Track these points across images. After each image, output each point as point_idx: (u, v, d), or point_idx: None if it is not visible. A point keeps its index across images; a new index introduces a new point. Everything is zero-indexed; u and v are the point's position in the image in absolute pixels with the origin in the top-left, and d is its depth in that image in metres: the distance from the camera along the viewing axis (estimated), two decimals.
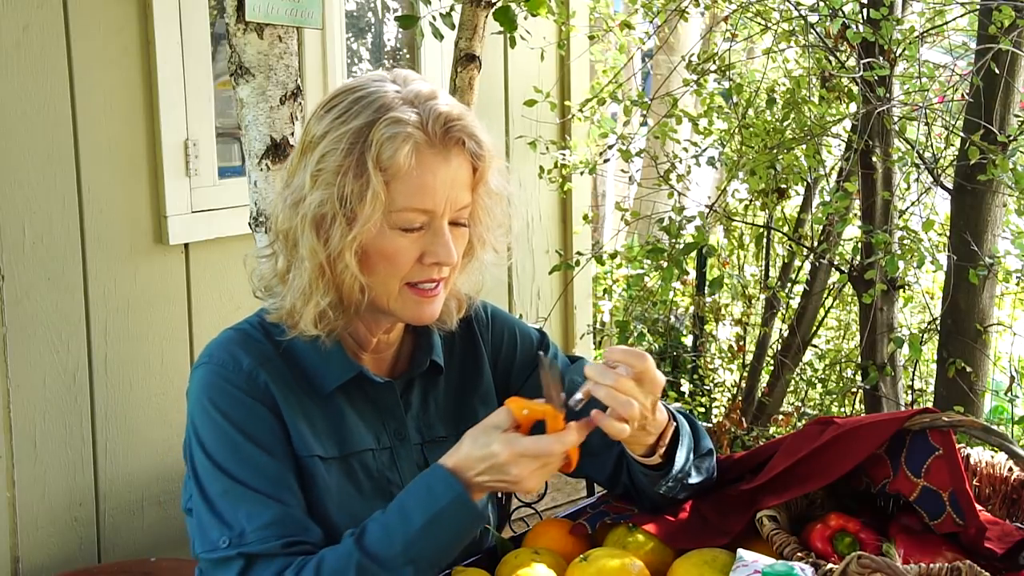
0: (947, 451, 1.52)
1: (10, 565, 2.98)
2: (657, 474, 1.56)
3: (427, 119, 1.42)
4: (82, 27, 3.01)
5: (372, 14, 4.07)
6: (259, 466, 1.42)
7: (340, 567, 1.34)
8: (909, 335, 3.44)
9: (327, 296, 1.46)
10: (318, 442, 1.49)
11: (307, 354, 1.51)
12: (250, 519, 1.38)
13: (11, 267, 2.93)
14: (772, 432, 4.40)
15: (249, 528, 1.38)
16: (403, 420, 1.57)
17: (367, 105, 1.43)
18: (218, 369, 1.47)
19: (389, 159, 1.40)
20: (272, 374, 1.48)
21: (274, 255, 1.52)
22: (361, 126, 1.42)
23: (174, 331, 3.27)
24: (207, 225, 3.29)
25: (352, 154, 1.41)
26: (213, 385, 1.47)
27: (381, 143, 1.40)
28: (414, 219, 1.43)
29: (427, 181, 1.42)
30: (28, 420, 2.99)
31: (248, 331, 1.53)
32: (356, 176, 1.41)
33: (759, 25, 4.09)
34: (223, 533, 1.39)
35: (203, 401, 1.47)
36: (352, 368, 1.52)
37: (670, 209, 3.70)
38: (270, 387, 1.46)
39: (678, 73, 4.12)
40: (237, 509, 1.39)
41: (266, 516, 1.38)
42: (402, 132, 1.41)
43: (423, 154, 1.42)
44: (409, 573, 1.34)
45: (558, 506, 3.45)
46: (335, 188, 1.41)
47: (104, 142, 3.08)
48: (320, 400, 1.51)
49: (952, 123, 3.76)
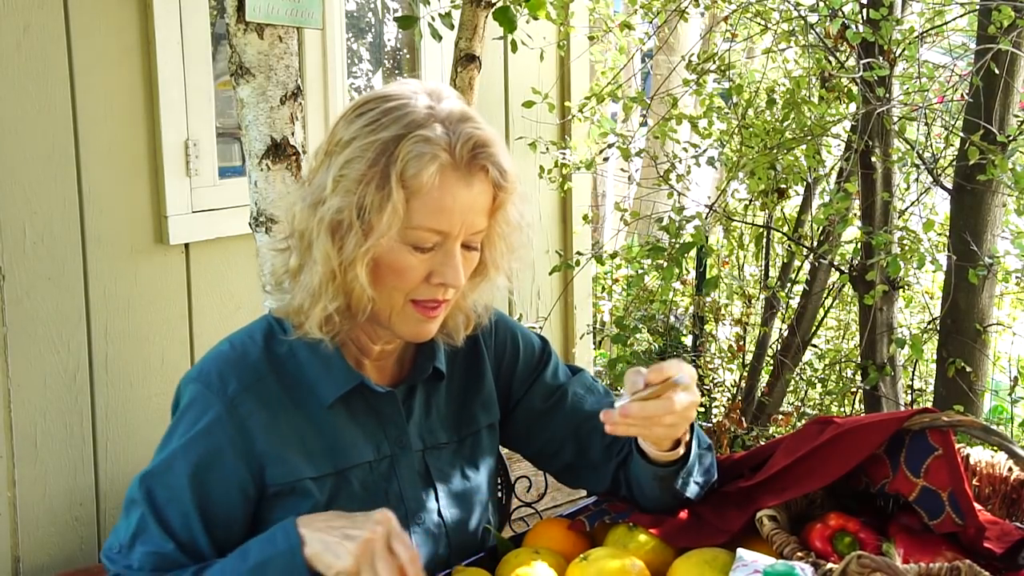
0: (946, 451, 1.52)
1: (10, 565, 2.98)
2: (671, 470, 1.56)
3: (456, 142, 1.41)
4: (82, 27, 3.01)
5: (372, 14, 4.07)
6: (181, 501, 1.44)
7: None
8: (909, 335, 3.44)
9: (335, 301, 1.46)
10: (309, 462, 1.48)
11: (309, 364, 1.50)
12: (145, 544, 1.44)
13: (11, 267, 2.93)
14: (772, 432, 4.40)
15: (139, 548, 1.44)
16: (404, 427, 1.56)
17: (398, 118, 1.42)
18: (202, 396, 1.47)
19: (413, 177, 1.39)
20: (258, 399, 1.47)
21: (288, 251, 1.51)
22: (389, 139, 1.41)
23: (174, 331, 3.27)
24: (207, 225, 3.29)
25: (377, 165, 1.40)
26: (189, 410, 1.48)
27: (407, 160, 1.39)
28: (428, 238, 1.43)
29: (447, 203, 1.41)
30: (28, 420, 2.99)
31: (246, 346, 1.52)
32: (378, 188, 1.40)
33: (759, 25, 4.09)
34: (119, 539, 1.46)
35: (177, 426, 1.48)
36: (354, 378, 1.51)
37: (670, 209, 3.70)
38: (249, 420, 1.46)
39: (678, 73, 4.12)
40: (140, 528, 1.44)
41: (158, 546, 1.43)
42: (429, 152, 1.40)
43: (447, 176, 1.41)
44: None
45: (558, 506, 3.45)
46: (355, 196, 1.41)
47: (104, 142, 3.08)
48: (316, 414, 1.50)
49: (952, 123, 3.77)
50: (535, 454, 1.72)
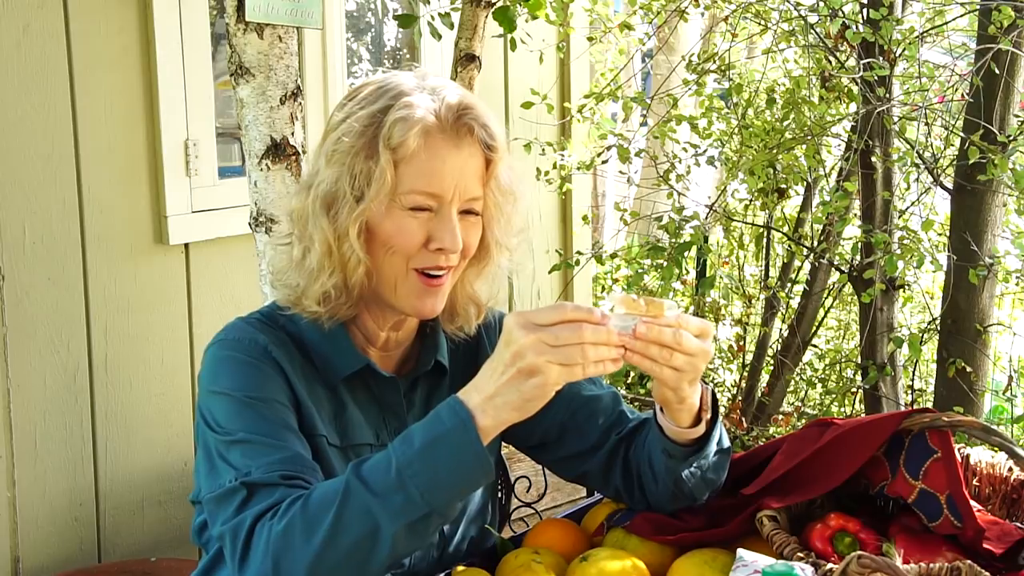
0: (945, 454, 1.52)
1: (10, 565, 2.98)
2: (684, 451, 1.50)
3: (440, 105, 1.45)
4: (82, 27, 3.01)
5: (372, 14, 4.07)
6: (267, 419, 1.41)
7: (331, 491, 1.30)
8: (909, 335, 3.44)
9: (333, 277, 1.47)
10: (324, 426, 1.50)
11: (317, 344, 1.52)
12: (256, 460, 1.37)
13: (11, 267, 2.93)
14: (772, 432, 4.40)
15: (255, 466, 1.37)
16: (404, 419, 1.57)
17: (385, 92, 1.47)
18: (232, 343, 1.48)
19: (399, 140, 1.42)
20: (284, 355, 1.49)
21: (290, 245, 1.53)
22: (377, 110, 1.45)
23: (174, 331, 3.27)
24: (207, 225, 3.29)
25: (365, 135, 1.44)
26: (224, 358, 1.47)
27: (393, 125, 1.43)
28: (421, 202, 1.45)
29: (436, 166, 1.44)
30: (28, 420, 2.99)
31: (260, 319, 1.54)
32: (368, 156, 1.43)
33: (759, 25, 4.09)
34: (230, 474, 1.38)
35: (216, 370, 1.47)
36: (360, 360, 1.53)
37: (670, 209, 3.70)
38: (283, 363, 1.48)
39: (677, 73, 4.12)
40: (245, 456, 1.39)
41: (273, 456, 1.38)
42: (413, 114, 1.43)
43: (434, 138, 1.44)
44: (397, 502, 1.27)
45: (558, 506, 3.45)
46: (346, 167, 1.44)
47: (104, 142, 3.08)
48: (327, 390, 1.52)
49: (952, 123, 3.77)
50: (535, 446, 1.70)
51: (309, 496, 1.31)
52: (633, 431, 1.63)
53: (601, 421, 1.64)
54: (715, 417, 1.51)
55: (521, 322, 1.26)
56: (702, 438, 1.50)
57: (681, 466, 1.52)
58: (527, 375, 1.26)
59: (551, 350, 1.24)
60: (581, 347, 1.24)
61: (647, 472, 1.58)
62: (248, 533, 1.32)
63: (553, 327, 1.25)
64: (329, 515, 1.28)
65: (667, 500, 1.57)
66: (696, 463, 1.52)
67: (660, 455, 1.53)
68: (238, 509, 1.34)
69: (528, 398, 1.27)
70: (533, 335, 1.24)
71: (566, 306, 1.26)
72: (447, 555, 1.60)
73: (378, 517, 1.27)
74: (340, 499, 1.28)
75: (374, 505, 1.27)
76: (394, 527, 1.27)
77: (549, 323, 1.25)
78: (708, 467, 1.54)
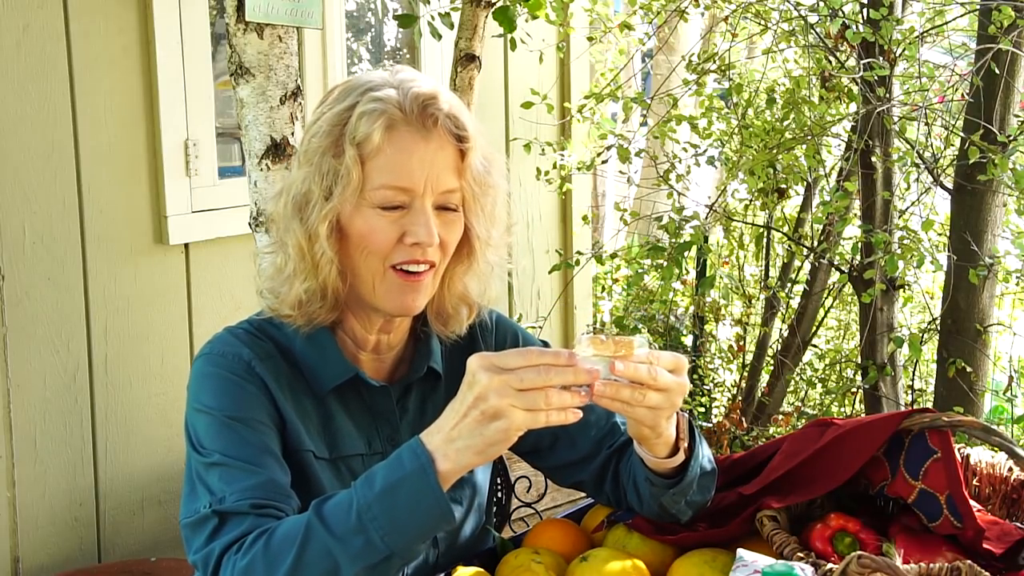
0: (945, 454, 1.52)
1: (10, 565, 2.98)
2: (665, 481, 1.50)
3: (405, 97, 1.43)
4: (82, 27, 3.01)
5: (372, 14, 4.07)
6: (246, 441, 1.41)
7: (293, 530, 1.29)
8: (909, 335, 3.44)
9: (307, 281, 1.46)
10: (311, 440, 1.49)
11: (305, 354, 1.51)
12: (231, 485, 1.37)
13: (11, 267, 2.93)
14: (772, 432, 4.40)
15: (229, 492, 1.37)
16: (397, 426, 1.56)
17: (353, 89, 1.46)
18: (216, 359, 1.48)
19: (364, 135, 1.41)
20: (270, 369, 1.48)
21: (275, 252, 1.52)
22: (343, 108, 1.44)
23: (174, 331, 3.27)
24: (207, 225, 3.29)
25: (332, 134, 1.43)
26: (208, 374, 1.47)
27: (359, 121, 1.42)
28: (392, 197, 1.43)
29: (403, 159, 1.42)
30: (28, 420, 2.99)
31: (247, 330, 1.53)
32: (335, 155, 1.43)
33: (759, 25, 4.09)
34: (206, 498, 1.38)
35: (199, 386, 1.47)
36: (348, 370, 1.51)
37: (670, 209, 3.70)
38: (266, 379, 1.47)
39: (677, 73, 4.12)
40: (222, 480, 1.39)
41: (248, 481, 1.37)
42: (378, 108, 1.42)
43: (399, 131, 1.42)
44: (357, 545, 1.25)
45: (558, 506, 3.44)
46: (315, 167, 1.44)
47: (104, 142, 3.08)
48: (315, 401, 1.51)
49: (952, 123, 3.77)
50: (529, 452, 1.70)
51: (273, 532, 1.31)
52: (624, 445, 1.62)
53: (593, 433, 1.63)
54: (692, 444, 1.49)
55: (485, 364, 1.24)
56: (682, 466, 1.48)
57: (664, 493, 1.51)
58: (490, 418, 1.23)
59: (516, 394, 1.21)
60: (545, 392, 1.21)
61: (633, 494, 1.58)
62: (215, 566, 1.32)
63: (518, 370, 1.22)
64: (290, 555, 1.27)
65: (655, 518, 1.56)
66: (678, 490, 1.50)
67: (644, 482, 1.53)
68: (208, 539, 1.35)
69: (491, 442, 1.24)
70: (498, 377, 1.22)
71: (532, 350, 1.23)
72: (447, 555, 1.59)
73: (338, 559, 1.26)
74: (301, 539, 1.28)
75: (334, 547, 1.26)
76: (354, 569, 1.26)
77: (514, 367, 1.22)
78: (692, 491, 1.52)
